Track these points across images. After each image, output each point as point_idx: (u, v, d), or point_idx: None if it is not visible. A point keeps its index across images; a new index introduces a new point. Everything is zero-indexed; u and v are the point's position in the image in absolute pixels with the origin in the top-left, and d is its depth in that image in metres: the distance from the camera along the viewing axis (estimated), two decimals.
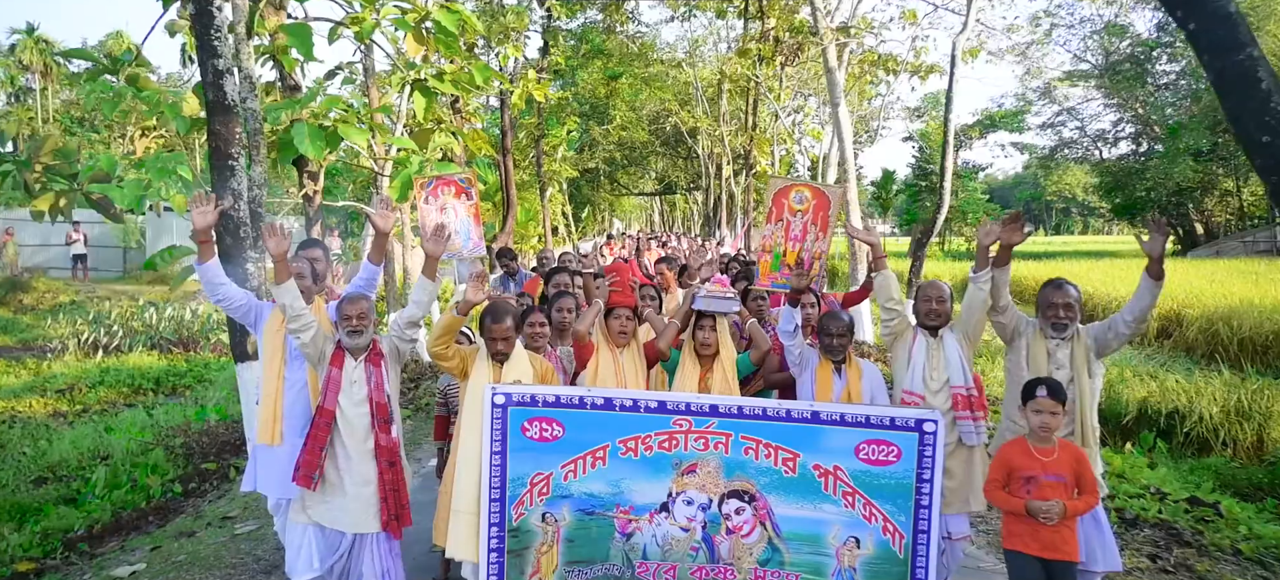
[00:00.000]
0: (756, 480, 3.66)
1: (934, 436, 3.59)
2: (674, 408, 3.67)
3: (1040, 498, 3.27)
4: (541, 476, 3.68)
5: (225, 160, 5.78)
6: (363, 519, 3.62)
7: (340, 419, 3.64)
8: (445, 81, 7.91)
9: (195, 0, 5.71)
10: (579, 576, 3.72)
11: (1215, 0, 2.88)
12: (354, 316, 3.62)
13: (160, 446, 8.25)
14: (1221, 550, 4.63)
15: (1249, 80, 2.82)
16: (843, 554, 3.65)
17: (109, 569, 4.63)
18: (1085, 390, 3.70)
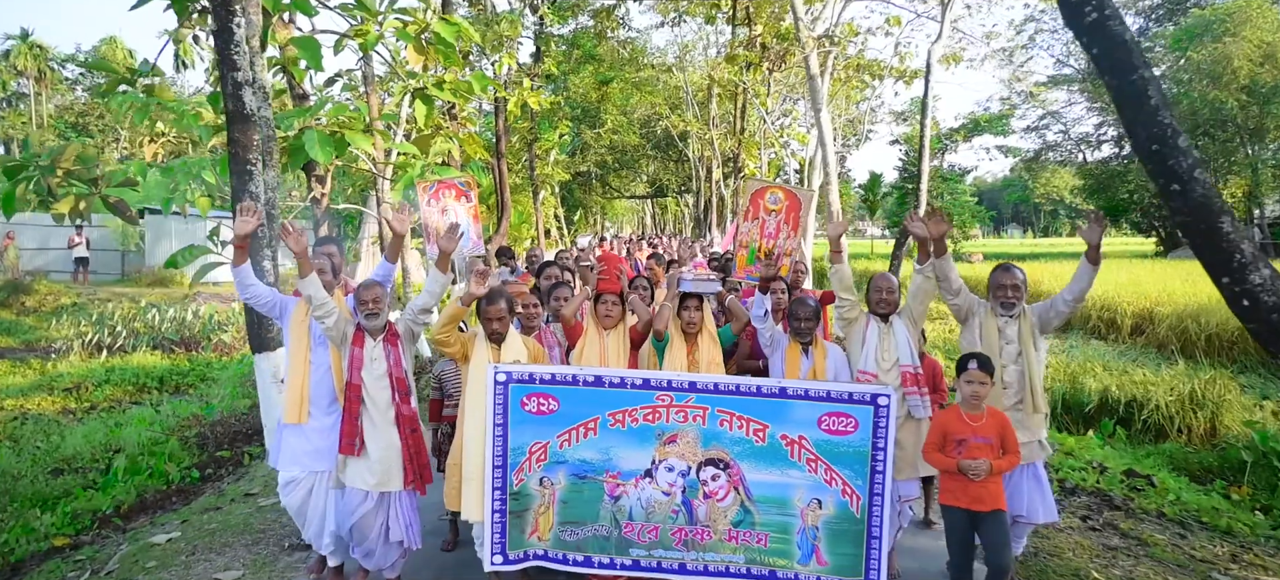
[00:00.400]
0: (730, 449, 4.12)
1: (887, 410, 4.05)
2: (657, 384, 4.13)
3: (970, 457, 3.74)
4: (539, 445, 4.13)
5: (243, 166, 6.23)
6: (389, 478, 4.07)
7: (365, 393, 4.08)
8: (445, 89, 8.36)
9: (216, 17, 6.17)
10: (572, 534, 4.18)
11: (1114, 30, 3.36)
12: (370, 300, 4.08)
13: (175, 437, 8.63)
14: (1147, 513, 5.13)
15: (1141, 97, 3.31)
16: (807, 514, 4.10)
17: (144, 539, 5.07)
18: (1032, 361, 4.18)
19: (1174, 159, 3.31)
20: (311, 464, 4.25)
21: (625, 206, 59.49)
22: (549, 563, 4.19)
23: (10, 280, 19.97)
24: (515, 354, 4.13)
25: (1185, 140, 3.33)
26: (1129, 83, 3.33)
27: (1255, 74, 30.28)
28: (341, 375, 4.22)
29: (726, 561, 4.15)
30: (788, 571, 4.12)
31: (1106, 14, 3.39)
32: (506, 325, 4.13)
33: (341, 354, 4.18)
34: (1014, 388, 4.17)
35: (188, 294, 18.08)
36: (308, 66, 7.58)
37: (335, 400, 4.28)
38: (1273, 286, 3.23)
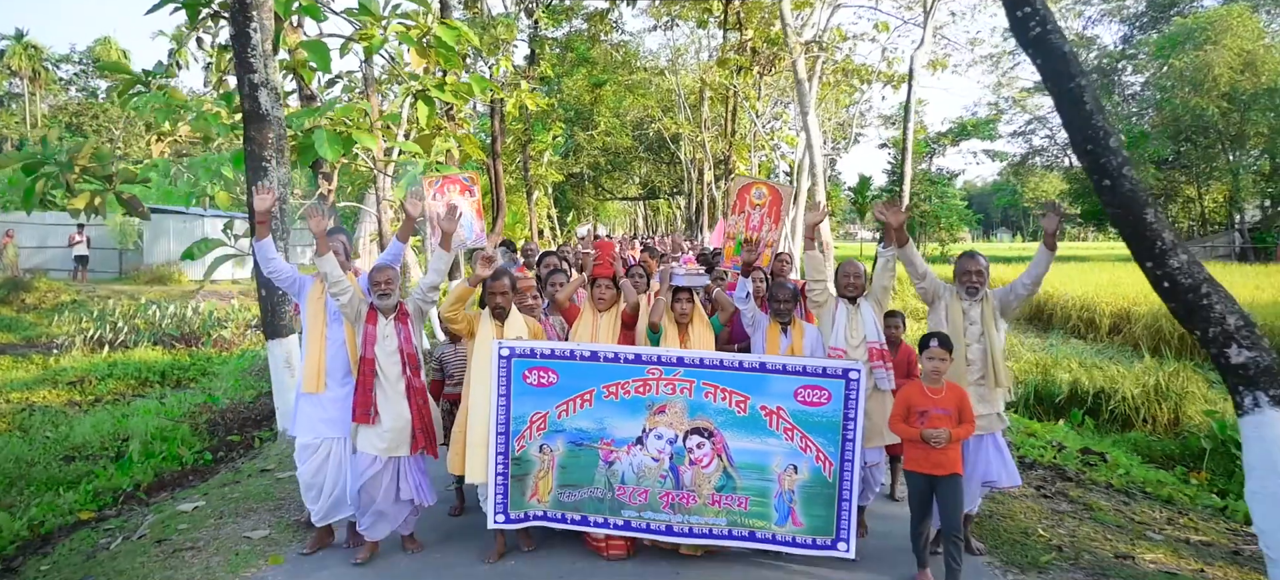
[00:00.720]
0: (714, 419, 4.52)
1: (857, 384, 4.46)
2: (648, 359, 4.53)
3: (931, 427, 4.14)
4: (539, 415, 4.53)
5: (259, 162, 6.62)
6: (399, 445, 4.45)
7: (378, 367, 4.46)
8: (446, 91, 8.76)
9: (234, 23, 6.56)
10: (569, 497, 4.57)
11: (1054, 43, 3.79)
12: (382, 281, 4.46)
13: (186, 423, 8.98)
14: (1097, 485, 5.56)
15: (1078, 102, 3.73)
16: (784, 479, 4.50)
17: (170, 509, 5.44)
18: (993, 340, 4.58)
19: (1105, 157, 3.74)
20: (326, 431, 4.60)
21: (617, 208, 59.91)
22: (548, 523, 4.58)
23: (10, 278, 20.20)
24: (516, 331, 4.52)
25: (1116, 141, 3.75)
26: (1067, 89, 3.76)
27: (1235, 82, 30.95)
28: (354, 349, 4.58)
29: (709, 524, 4.53)
30: (766, 532, 4.52)
31: (1048, 29, 3.81)
32: (509, 301, 4.52)
33: (356, 330, 4.55)
34: (977, 364, 4.57)
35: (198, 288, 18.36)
36: (316, 69, 7.96)
37: (349, 372, 4.63)
38: (1189, 270, 3.66)
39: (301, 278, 4.83)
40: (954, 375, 4.34)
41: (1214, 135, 33.54)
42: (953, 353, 4.25)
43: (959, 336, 4.52)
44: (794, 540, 4.49)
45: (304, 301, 4.77)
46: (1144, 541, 4.52)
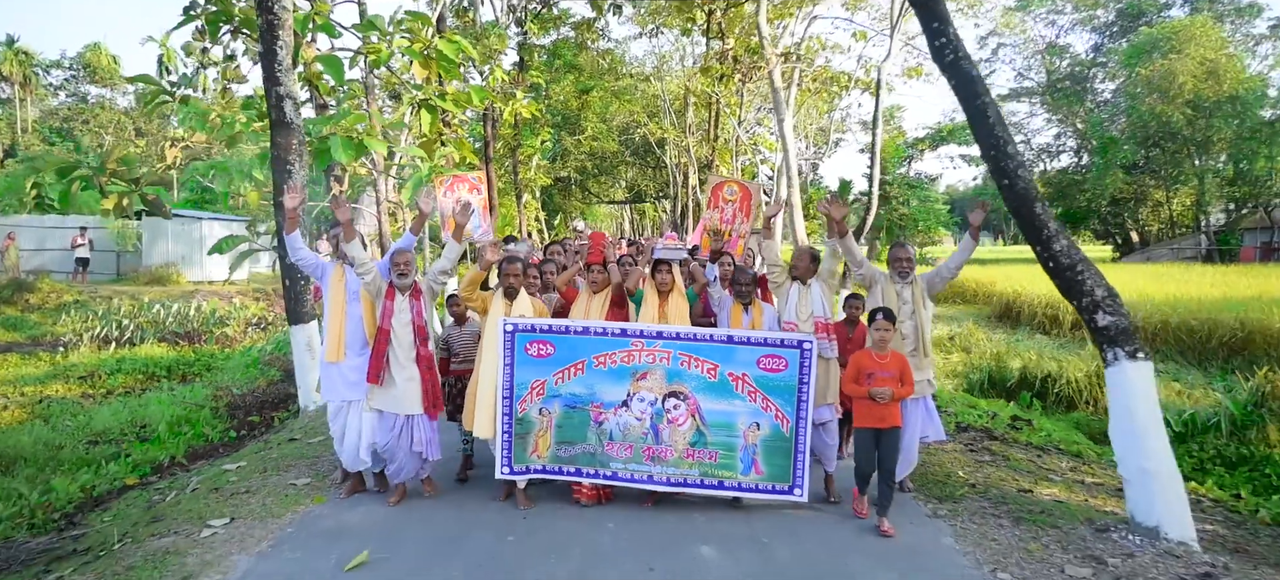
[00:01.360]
0: (689, 384, 5.31)
1: (810, 353, 5.28)
2: (632, 334, 5.32)
3: (878, 387, 4.95)
4: (539, 382, 5.31)
5: (284, 165, 7.39)
6: (410, 404, 5.21)
7: (393, 337, 5.22)
8: (448, 100, 9.54)
9: (263, 41, 7.33)
10: (565, 452, 5.36)
11: (965, 68, 4.63)
12: (402, 262, 5.23)
13: (207, 407, 9.69)
14: (1018, 442, 6.42)
15: (983, 116, 4.57)
16: (748, 434, 5.30)
17: (216, 468, 6.18)
18: (923, 318, 5.40)
19: (1004, 161, 4.58)
20: (346, 394, 5.34)
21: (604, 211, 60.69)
22: (546, 475, 5.36)
23: (13, 279, 20.72)
24: (523, 309, 5.31)
25: (1012, 148, 4.59)
26: (975, 106, 4.60)
27: (1199, 89, 32.15)
28: (371, 325, 5.35)
29: (684, 474, 5.32)
30: (732, 480, 5.32)
31: (960, 56, 4.65)
32: (521, 282, 5.32)
33: (376, 306, 5.32)
34: (910, 339, 5.40)
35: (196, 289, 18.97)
36: (331, 80, 8.72)
37: (365, 345, 5.38)
38: (1068, 252, 4.51)
39: (324, 263, 5.58)
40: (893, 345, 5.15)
41: (1181, 141, 34.71)
42: (894, 324, 5.07)
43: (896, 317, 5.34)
44: (757, 487, 5.28)
45: (326, 284, 5.51)
46: (1045, 482, 5.37)
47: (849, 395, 5.15)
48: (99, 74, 45.04)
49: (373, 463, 5.42)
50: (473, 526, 4.73)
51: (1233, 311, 14.88)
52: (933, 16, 4.68)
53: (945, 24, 4.67)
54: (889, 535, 4.54)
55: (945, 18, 4.68)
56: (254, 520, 4.67)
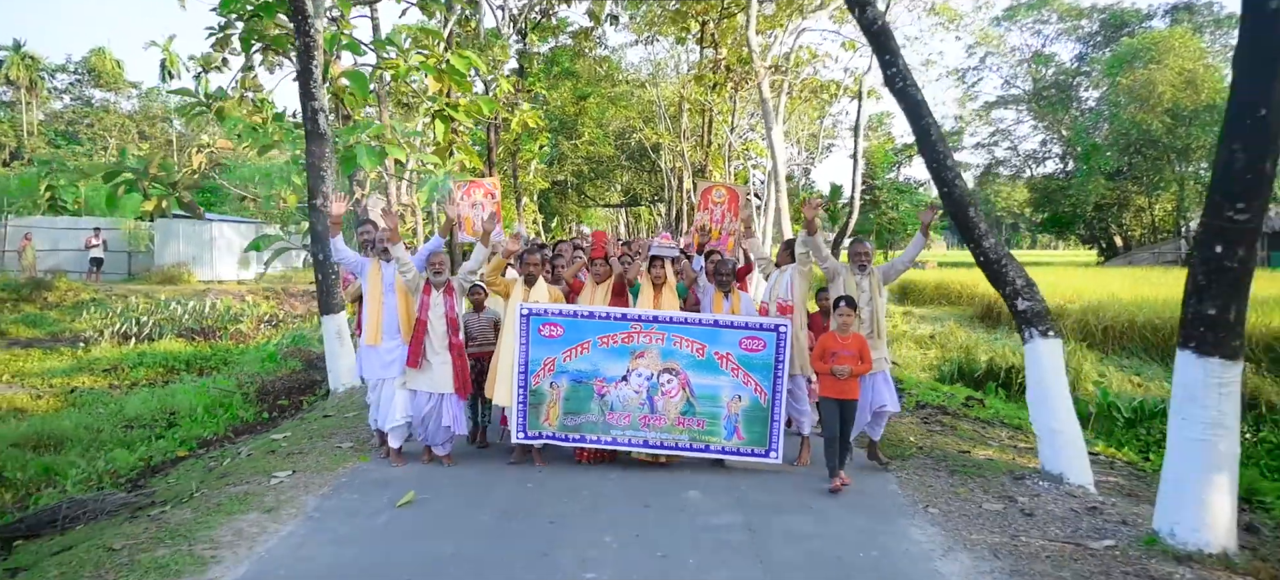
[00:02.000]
0: (680, 361, 6.17)
1: (785, 336, 6.14)
2: (631, 318, 6.18)
3: (840, 364, 5.79)
4: (550, 359, 6.16)
5: (318, 170, 8.25)
6: (442, 384, 6.05)
7: (429, 327, 6.07)
8: (460, 111, 10.41)
9: (300, 60, 8.19)
10: (572, 421, 6.20)
11: (911, 93, 5.51)
12: (437, 263, 6.08)
13: (238, 392, 10.51)
14: (968, 417, 7.31)
15: (927, 135, 5.45)
16: (731, 405, 6.15)
17: (264, 438, 7.02)
18: (878, 305, 6.25)
19: (945, 172, 5.47)
20: (382, 373, 6.16)
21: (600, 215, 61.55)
22: (555, 441, 6.20)
23: (31, 278, 21.49)
24: (539, 295, 6.18)
25: (951, 161, 5.47)
26: (921, 126, 5.48)
27: (1178, 98, 33.26)
28: (406, 316, 6.18)
29: (675, 439, 6.17)
30: (717, 445, 6.17)
31: (908, 83, 5.54)
32: (539, 270, 6.18)
33: (413, 300, 6.16)
34: (867, 323, 6.25)
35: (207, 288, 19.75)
36: (356, 94, 9.58)
37: (398, 331, 6.20)
38: (996, 249, 5.40)
39: (363, 261, 6.42)
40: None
41: (1161, 148, 35.80)
42: (856, 309, 5.94)
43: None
44: (738, 450, 6.13)
45: (365, 278, 6.34)
46: (983, 446, 6.26)
47: (815, 370, 6.01)
48: (103, 78, 45.79)
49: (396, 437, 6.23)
50: (496, 478, 5.59)
51: None
52: (885, 50, 5.57)
53: (895, 56, 5.56)
54: (846, 484, 5.40)
55: (896, 51, 5.57)
56: (312, 473, 5.53)
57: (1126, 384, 12.50)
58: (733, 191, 8.23)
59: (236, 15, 9.59)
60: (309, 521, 4.55)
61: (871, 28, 5.61)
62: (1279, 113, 3.53)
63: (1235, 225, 3.67)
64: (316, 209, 8.18)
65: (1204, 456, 3.78)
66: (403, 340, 6.14)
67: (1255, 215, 3.68)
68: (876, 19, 5.59)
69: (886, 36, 5.62)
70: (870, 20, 5.57)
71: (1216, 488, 3.76)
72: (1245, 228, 3.67)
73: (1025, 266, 5.55)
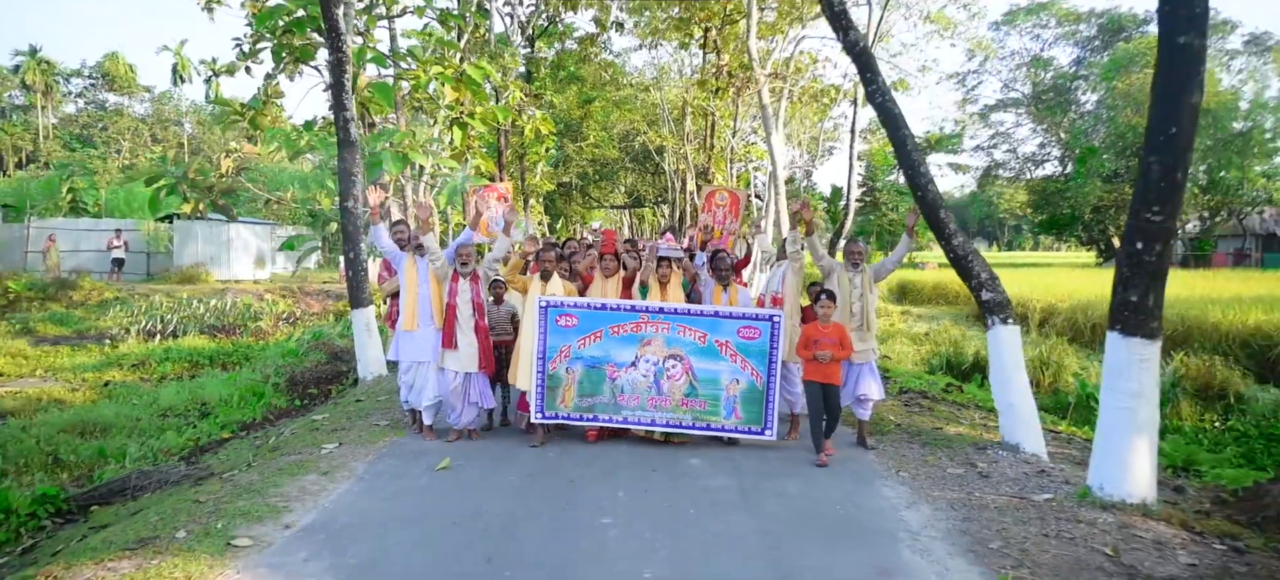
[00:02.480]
0: (684, 348, 6.84)
1: (779, 326, 6.81)
2: (640, 309, 6.85)
3: (821, 350, 6.45)
4: (566, 346, 6.84)
5: (349, 175, 8.95)
6: (469, 363, 6.73)
7: (458, 312, 6.74)
8: (477, 118, 11.12)
9: (332, 74, 8.89)
10: (585, 402, 6.88)
11: (889, 107, 6.19)
12: (464, 254, 6.76)
13: (269, 382, 11.21)
14: (946, 401, 7.97)
15: (904, 145, 6.13)
16: (729, 388, 6.82)
17: (304, 419, 7.71)
18: (869, 301, 6.89)
19: (918, 178, 6.14)
20: (417, 356, 6.84)
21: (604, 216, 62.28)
22: (570, 421, 6.88)
23: (57, 278, 22.24)
24: (554, 288, 6.87)
25: (925, 167, 6.15)
26: (898, 136, 6.16)
27: None
28: (438, 303, 6.85)
29: (679, 418, 6.85)
30: (717, 424, 6.84)
31: (887, 99, 6.22)
32: (554, 266, 6.87)
33: (443, 288, 6.84)
34: (857, 316, 6.91)
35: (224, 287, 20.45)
36: (380, 103, 10.29)
37: (432, 317, 6.85)
38: (963, 246, 6.07)
39: (400, 252, 7.09)
40: (843, 322, 6.68)
41: None
42: (836, 303, 6.61)
43: (846, 297, 6.86)
44: (736, 429, 6.80)
45: (401, 268, 7.01)
46: (955, 424, 6.94)
47: (800, 357, 6.67)
48: (117, 82, 46.64)
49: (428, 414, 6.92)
50: (519, 451, 6.29)
51: (1178, 310, 16.47)
52: (866, 69, 6.26)
53: (875, 75, 6.24)
54: (831, 453, 6.07)
55: (876, 71, 6.25)
56: (356, 445, 6.22)
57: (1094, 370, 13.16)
58: (734, 195, 8.91)
59: (269, 31, 10.30)
60: (360, 482, 5.25)
61: (854, 49, 6.30)
62: (1187, 132, 4.20)
63: (1152, 225, 4.35)
64: (348, 211, 8.88)
65: (1128, 423, 4.45)
66: (435, 326, 6.82)
67: (1169, 217, 4.35)
68: (858, 42, 6.28)
69: (868, 57, 6.30)
70: (852, 42, 6.26)
71: (1138, 449, 4.43)
72: (1161, 228, 4.34)
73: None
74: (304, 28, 9.77)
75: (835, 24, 6.36)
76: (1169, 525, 4.17)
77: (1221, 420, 10.71)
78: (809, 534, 4.34)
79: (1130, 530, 4.07)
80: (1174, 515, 4.31)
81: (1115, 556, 3.77)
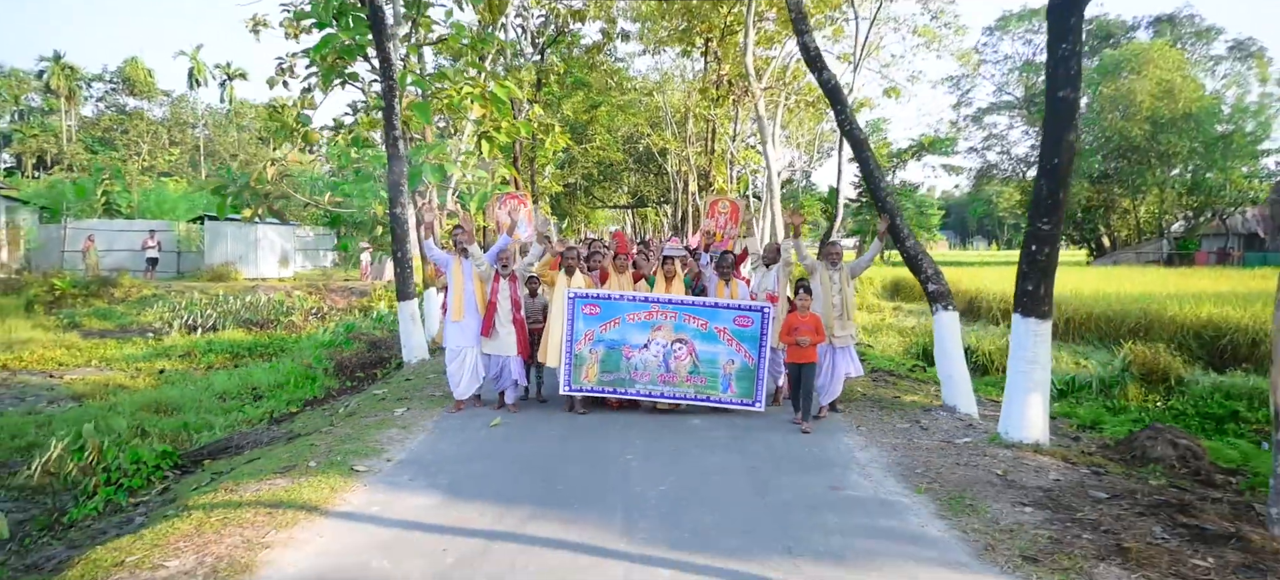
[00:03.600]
0: (688, 333, 8.23)
1: (768, 316, 8.18)
2: (651, 300, 8.25)
3: (801, 335, 7.82)
4: (589, 331, 8.24)
5: (397, 188, 10.35)
6: (508, 348, 8.13)
7: (498, 306, 8.15)
8: (502, 132, 12.53)
9: (385, 98, 10.29)
10: (606, 378, 8.26)
11: (857, 134, 7.59)
12: (505, 257, 8.15)
13: (320, 367, 12.62)
14: (910, 378, 9.37)
15: (867, 164, 7.53)
16: (726, 367, 8.21)
17: (366, 392, 9.11)
18: (847, 293, 8.25)
19: (878, 191, 7.53)
20: (463, 342, 8.24)
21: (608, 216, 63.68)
22: (593, 393, 8.27)
23: (97, 276, 23.70)
24: (577, 282, 8.27)
25: (885, 183, 7.53)
26: (862, 156, 7.56)
27: (1156, 107, 35.20)
28: (481, 298, 8.25)
29: (684, 392, 8.24)
30: (716, 397, 8.22)
31: (853, 126, 7.61)
32: (578, 263, 8.26)
33: (485, 285, 8.24)
34: (838, 307, 8.28)
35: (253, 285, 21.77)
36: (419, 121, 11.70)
37: (475, 309, 8.24)
38: (915, 246, 7.46)
39: (447, 256, 8.48)
40: (825, 312, 8.02)
41: (1143, 154, 37.75)
42: (813, 296, 7.97)
43: (828, 291, 8.21)
44: (731, 401, 8.19)
45: (449, 269, 8.42)
46: (913, 394, 8.34)
47: (783, 342, 8.04)
48: (137, 87, 48.14)
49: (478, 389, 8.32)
50: (555, 415, 7.72)
51: (1142, 305, 17.87)
52: (836, 101, 7.66)
53: (844, 107, 7.65)
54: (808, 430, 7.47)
55: (845, 103, 7.66)
56: (420, 410, 7.65)
57: (1073, 364, 14.53)
58: (734, 203, 10.33)
59: (321, 57, 11.72)
60: (432, 434, 6.67)
61: (827, 85, 7.71)
62: (1066, 163, 5.59)
63: (1042, 233, 5.74)
64: (396, 217, 10.28)
65: (1026, 383, 5.84)
66: (479, 316, 8.22)
67: (1054, 227, 5.74)
68: (830, 80, 7.69)
69: (837, 91, 7.71)
70: (825, 81, 7.67)
71: (1033, 403, 5.82)
72: (1049, 234, 5.74)
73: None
74: (354, 55, 11.18)
75: (810, 65, 7.77)
76: (1052, 458, 5.56)
77: (1163, 401, 12.09)
78: (783, 467, 5.74)
79: (1021, 460, 5.46)
80: (1059, 452, 5.70)
81: (1003, 475, 5.16)
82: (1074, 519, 4.36)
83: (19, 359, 16.54)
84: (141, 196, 27.55)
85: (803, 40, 7.64)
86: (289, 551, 4.07)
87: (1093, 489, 4.90)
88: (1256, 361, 14.03)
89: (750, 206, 22.85)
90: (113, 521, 6.25)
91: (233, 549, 4.07)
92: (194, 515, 4.64)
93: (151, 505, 6.50)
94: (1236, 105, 37.09)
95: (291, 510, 4.65)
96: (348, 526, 4.46)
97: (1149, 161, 38.02)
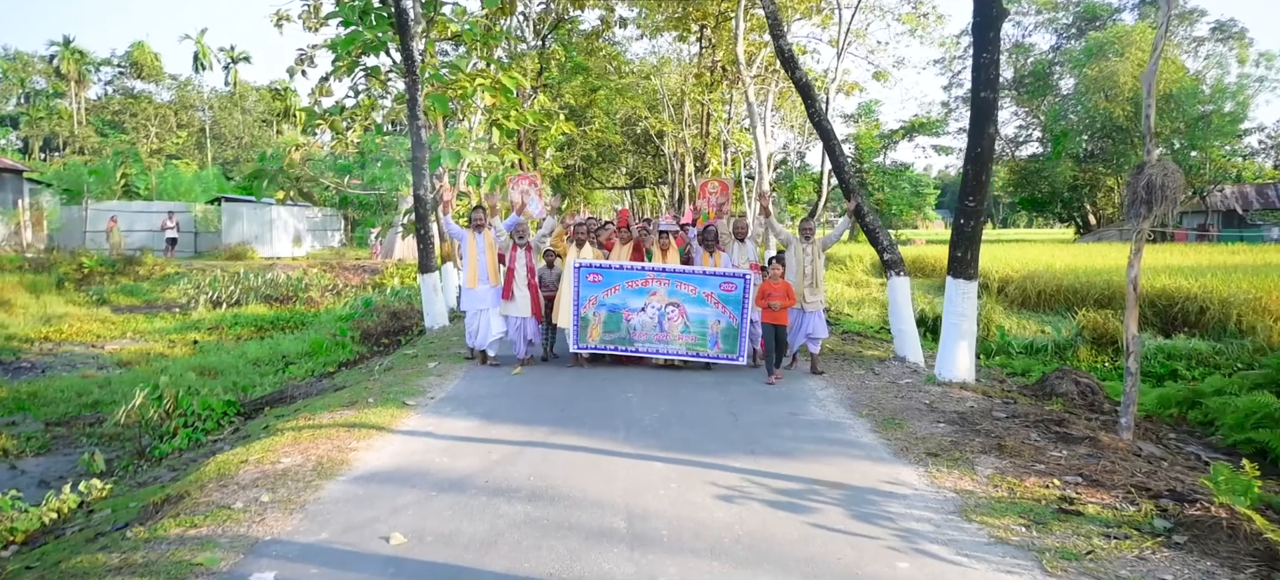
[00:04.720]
0: (680, 298, 9.48)
1: (750, 282, 9.42)
2: (648, 270, 9.49)
3: (773, 300, 9.05)
4: (593, 296, 9.49)
5: (421, 169, 11.57)
6: (524, 310, 9.38)
7: (516, 274, 9.38)
8: (512, 119, 13.73)
9: (408, 89, 11.48)
10: (609, 337, 9.51)
11: (825, 125, 8.81)
12: (520, 230, 9.38)
13: (347, 335, 13.88)
14: (875, 337, 10.66)
15: (835, 153, 8.75)
16: (713, 327, 9.46)
17: (399, 351, 10.37)
18: (818, 265, 9.49)
19: (845, 178, 8.77)
20: (479, 305, 9.47)
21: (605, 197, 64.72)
22: (598, 349, 9.53)
23: (121, 255, 24.90)
24: (585, 253, 9.51)
25: (850, 167, 8.76)
26: (830, 145, 8.78)
27: (1138, 89, 36.31)
28: (492, 266, 9.46)
29: (677, 349, 9.51)
30: (705, 353, 9.48)
31: (822, 117, 8.82)
32: (586, 236, 9.49)
33: (500, 256, 9.47)
34: (810, 276, 9.53)
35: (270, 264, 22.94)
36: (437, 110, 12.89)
37: (487, 277, 9.46)
38: (872, 221, 8.71)
39: (463, 231, 9.69)
40: (798, 281, 9.26)
41: (1126, 134, 38.93)
42: (785, 266, 9.20)
43: (801, 262, 9.45)
44: (718, 356, 9.46)
45: (465, 242, 9.64)
46: (873, 350, 9.63)
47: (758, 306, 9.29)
48: (144, 70, 49.10)
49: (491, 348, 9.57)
50: (563, 367, 8.99)
51: (1106, 277, 19.19)
52: (807, 97, 8.88)
53: (815, 101, 8.87)
54: (779, 378, 8.73)
55: (815, 97, 8.87)
56: (450, 363, 8.92)
57: (1038, 331, 15.84)
58: (724, 184, 11.57)
59: (345, 52, 12.90)
60: (465, 380, 7.95)
61: (799, 83, 8.93)
62: (988, 151, 6.83)
63: (969, 209, 7.00)
64: (420, 198, 11.51)
65: (957, 333, 7.11)
66: (491, 284, 9.43)
67: (979, 204, 6.99)
68: (802, 78, 8.90)
69: (809, 88, 8.93)
70: (798, 79, 8.89)
71: (961, 349, 7.10)
72: (975, 210, 7.00)
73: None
74: (377, 49, 12.35)
75: (785, 66, 8.98)
76: (974, 393, 6.85)
77: (1111, 362, 13.40)
78: (755, 401, 7.03)
79: (948, 394, 6.76)
80: (980, 388, 6.99)
81: (929, 405, 6.45)
82: (974, 430, 5.65)
83: (59, 331, 17.76)
84: (158, 179, 28.67)
85: (778, 44, 8.85)
86: (370, 454, 5.35)
87: (996, 413, 6.19)
88: (1202, 327, 15.34)
89: (742, 186, 24.10)
90: (199, 452, 7.54)
91: (328, 452, 5.35)
92: (287, 434, 5.92)
93: (228, 443, 7.79)
94: (1216, 86, 38.22)
95: (363, 429, 5.93)
96: (411, 440, 5.74)
97: (1132, 141, 39.17)
